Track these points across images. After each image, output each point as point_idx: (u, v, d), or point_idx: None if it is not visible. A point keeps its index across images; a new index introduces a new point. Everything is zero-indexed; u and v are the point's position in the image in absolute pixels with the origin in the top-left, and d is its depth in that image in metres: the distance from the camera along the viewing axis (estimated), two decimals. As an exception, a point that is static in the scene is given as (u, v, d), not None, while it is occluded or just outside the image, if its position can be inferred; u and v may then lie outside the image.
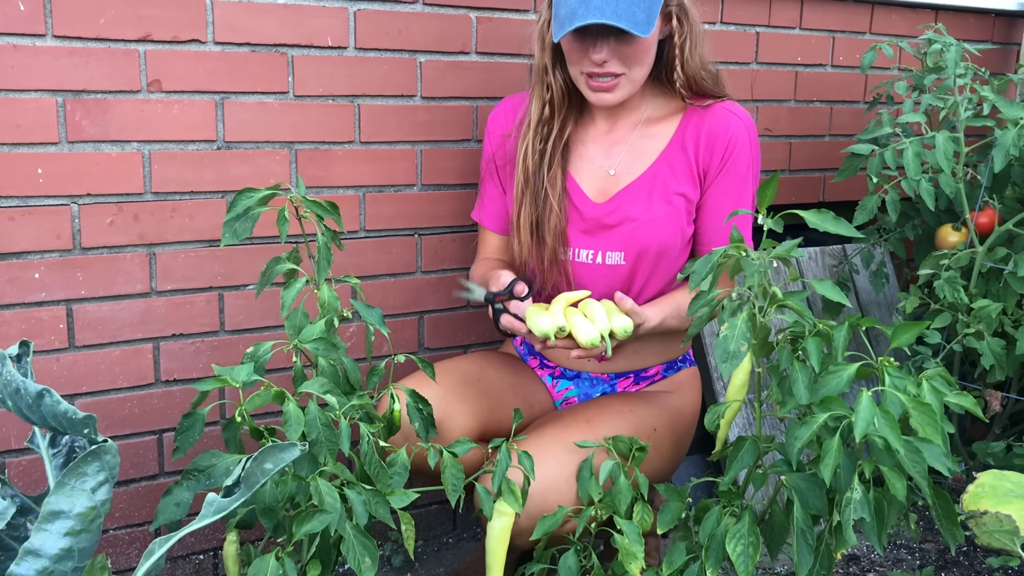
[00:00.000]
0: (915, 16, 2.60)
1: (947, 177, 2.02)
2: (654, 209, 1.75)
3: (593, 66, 1.66)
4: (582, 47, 1.65)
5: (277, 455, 1.11)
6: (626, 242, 1.75)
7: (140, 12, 1.68)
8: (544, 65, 1.73)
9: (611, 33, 1.62)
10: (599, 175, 1.79)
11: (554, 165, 1.76)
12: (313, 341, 1.45)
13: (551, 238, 1.76)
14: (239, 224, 1.47)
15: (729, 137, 1.73)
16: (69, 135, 1.67)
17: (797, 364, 1.39)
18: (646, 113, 1.80)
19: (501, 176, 1.87)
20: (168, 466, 1.87)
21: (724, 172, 1.75)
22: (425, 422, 1.53)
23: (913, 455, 1.31)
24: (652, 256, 1.76)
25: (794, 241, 1.40)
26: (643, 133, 1.79)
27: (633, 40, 1.64)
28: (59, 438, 1.32)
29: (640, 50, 1.66)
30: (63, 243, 1.70)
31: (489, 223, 1.90)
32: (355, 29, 1.88)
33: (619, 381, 1.89)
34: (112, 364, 1.78)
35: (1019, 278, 1.98)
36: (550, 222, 1.76)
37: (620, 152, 1.79)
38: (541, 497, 1.57)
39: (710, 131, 1.74)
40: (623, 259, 1.77)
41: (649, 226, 1.74)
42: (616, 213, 1.76)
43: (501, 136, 1.86)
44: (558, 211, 1.76)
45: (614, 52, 1.64)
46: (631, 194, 1.76)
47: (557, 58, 1.73)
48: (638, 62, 1.68)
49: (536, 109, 1.76)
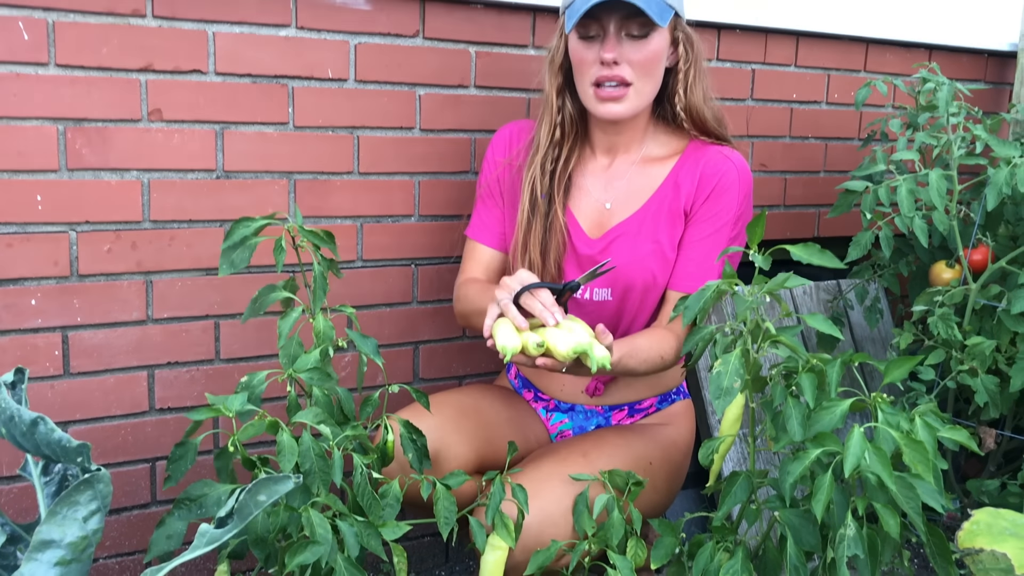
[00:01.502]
0: (909, 55, 2.63)
1: (940, 214, 2.03)
2: (642, 248, 1.75)
3: (603, 69, 1.67)
4: (592, 47, 1.68)
5: (271, 487, 1.11)
6: (612, 280, 1.77)
7: (142, 43, 1.70)
8: (556, 88, 1.76)
9: (624, 29, 1.65)
10: (595, 208, 1.81)
11: (560, 191, 1.78)
12: (307, 371, 1.45)
13: (553, 261, 1.78)
14: (236, 253, 1.47)
15: (719, 178, 1.73)
16: (69, 163, 1.68)
17: (791, 400, 1.39)
18: (646, 150, 1.81)
19: (504, 199, 1.87)
20: (160, 495, 1.86)
21: (705, 210, 1.74)
22: (419, 453, 1.53)
23: (906, 491, 1.31)
24: (638, 294, 1.77)
25: (785, 275, 1.41)
26: (641, 171, 1.80)
27: (645, 41, 1.67)
28: (52, 466, 1.32)
29: (650, 55, 1.68)
30: (60, 270, 1.71)
31: (485, 238, 1.87)
32: (355, 62, 1.90)
33: (613, 413, 1.89)
34: (107, 391, 1.78)
35: (1013, 316, 1.99)
36: (554, 246, 1.77)
37: (617, 188, 1.80)
38: (537, 530, 1.57)
39: (703, 172, 1.75)
40: (610, 295, 1.78)
41: (635, 265, 1.75)
42: (606, 253, 1.77)
43: (503, 160, 1.87)
44: (563, 234, 1.77)
45: (625, 53, 1.67)
46: (622, 231, 1.77)
47: (566, 84, 1.76)
48: (647, 72, 1.69)
49: (546, 132, 1.78)
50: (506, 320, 1.52)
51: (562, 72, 1.76)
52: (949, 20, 2.71)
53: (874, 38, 2.56)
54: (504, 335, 1.49)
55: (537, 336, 1.48)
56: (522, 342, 1.48)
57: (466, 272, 1.89)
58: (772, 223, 2.52)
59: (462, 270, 1.90)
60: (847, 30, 2.50)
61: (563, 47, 1.75)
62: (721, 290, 1.46)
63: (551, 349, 1.47)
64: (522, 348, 1.48)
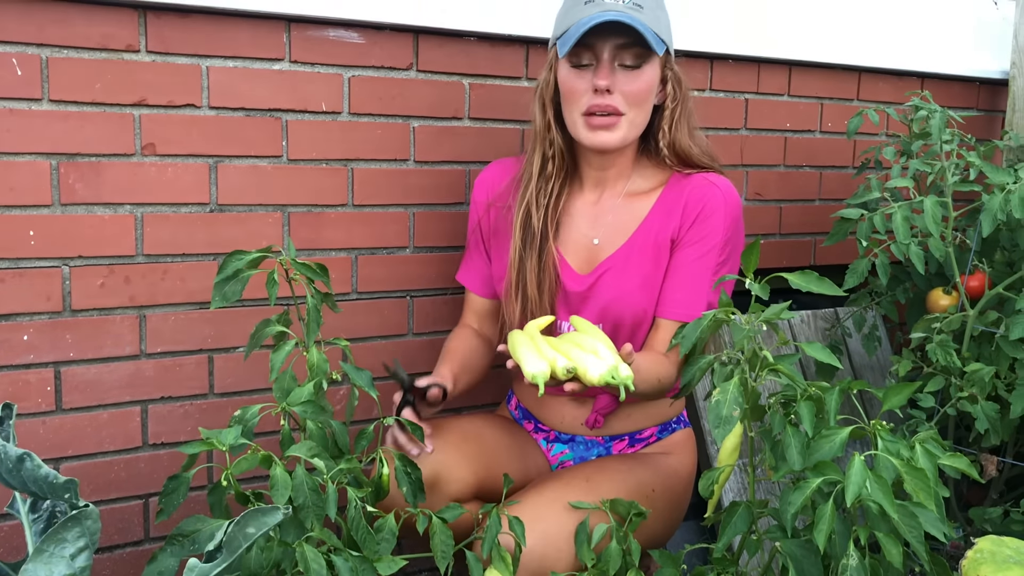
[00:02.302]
0: (902, 83, 2.64)
1: (936, 241, 2.03)
2: (629, 282, 1.75)
3: (594, 98, 1.67)
4: (584, 76, 1.68)
5: (260, 519, 1.09)
6: (601, 315, 1.76)
7: (136, 77, 1.70)
8: (547, 122, 1.75)
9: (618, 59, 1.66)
10: (583, 244, 1.80)
11: (553, 223, 1.77)
12: (301, 404, 1.44)
13: (548, 297, 1.77)
14: (229, 287, 1.47)
15: (704, 203, 1.72)
16: (62, 198, 1.68)
17: (790, 428, 1.38)
18: (632, 185, 1.80)
19: (486, 245, 1.88)
20: (154, 532, 1.84)
21: (692, 235, 1.73)
22: (413, 486, 1.51)
23: (908, 520, 1.29)
24: (628, 328, 1.76)
25: (783, 304, 1.41)
26: (626, 205, 1.79)
27: (638, 72, 1.67)
28: (40, 503, 1.30)
29: (643, 86, 1.68)
30: (53, 305, 1.70)
31: (473, 287, 1.92)
32: (349, 95, 1.90)
33: (614, 444, 1.88)
34: (99, 427, 1.76)
35: (1011, 342, 1.98)
36: (548, 281, 1.77)
37: (604, 223, 1.79)
38: (540, 554, 1.55)
39: (688, 199, 1.73)
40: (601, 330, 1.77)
41: (622, 300, 1.74)
42: (593, 289, 1.76)
43: (485, 205, 1.87)
44: (556, 269, 1.77)
45: (618, 83, 1.67)
46: (610, 266, 1.76)
47: (557, 117, 1.76)
48: (638, 102, 1.69)
49: (538, 165, 1.77)
50: (527, 342, 1.50)
51: (552, 105, 1.75)
52: (941, 48, 2.73)
53: (866, 67, 2.58)
54: (532, 363, 1.43)
55: (565, 360, 1.43)
56: (550, 367, 1.42)
57: (463, 315, 1.95)
58: (768, 252, 2.52)
59: (463, 310, 1.95)
60: (839, 59, 2.52)
61: (552, 79, 1.75)
62: (718, 319, 1.45)
63: (581, 374, 1.41)
64: (551, 372, 1.42)
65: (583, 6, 1.66)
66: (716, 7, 2.33)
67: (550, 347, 1.49)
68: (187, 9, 1.72)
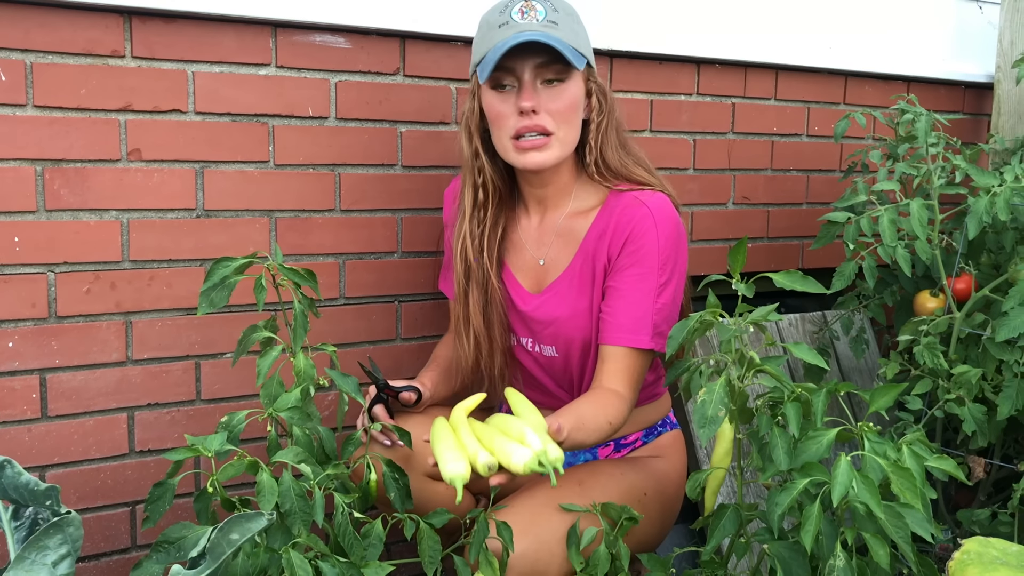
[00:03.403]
0: (888, 87, 2.66)
1: (923, 244, 2.03)
2: (574, 304, 1.73)
3: (521, 120, 1.64)
4: (508, 99, 1.65)
5: (243, 525, 1.09)
6: (553, 338, 1.76)
7: (121, 83, 1.70)
8: (474, 150, 1.73)
9: (540, 76, 1.64)
10: (531, 265, 1.80)
11: (493, 254, 1.75)
12: (288, 410, 1.44)
13: (498, 328, 1.77)
14: (215, 293, 1.46)
15: (633, 226, 1.67)
16: (47, 203, 1.67)
17: (776, 430, 1.38)
18: (575, 204, 1.77)
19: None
20: (140, 539, 1.83)
21: (624, 259, 1.68)
22: (401, 492, 1.51)
23: (895, 520, 1.29)
24: (579, 349, 1.75)
25: (771, 306, 1.41)
26: (568, 225, 1.76)
27: (561, 88, 1.65)
28: (22, 510, 1.29)
29: (568, 102, 1.66)
30: (38, 312, 1.69)
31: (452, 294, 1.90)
32: (336, 99, 1.90)
33: (599, 450, 1.87)
34: (85, 434, 1.75)
35: (997, 344, 1.99)
36: (495, 312, 1.76)
37: (548, 243, 1.78)
38: (534, 558, 1.55)
39: (618, 221, 1.69)
40: (556, 352, 1.78)
41: (570, 322, 1.73)
42: (541, 310, 1.76)
43: (448, 226, 1.88)
44: (501, 300, 1.76)
45: (543, 102, 1.64)
46: (556, 288, 1.76)
47: (484, 145, 1.73)
48: (566, 118, 1.66)
49: (470, 197, 1.75)
50: (448, 436, 1.46)
51: (479, 133, 1.73)
52: (927, 52, 2.74)
53: (853, 71, 2.59)
54: (450, 463, 1.38)
55: (487, 455, 1.38)
56: (470, 464, 1.38)
57: (451, 321, 1.93)
58: (756, 255, 2.52)
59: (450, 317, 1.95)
60: (826, 63, 2.53)
61: (477, 107, 1.71)
62: (705, 321, 1.45)
63: (506, 466, 1.37)
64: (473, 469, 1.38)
65: (497, 29, 1.64)
66: (701, 12, 2.34)
67: (473, 438, 1.45)
68: (172, 14, 1.72)
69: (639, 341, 1.65)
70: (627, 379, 1.67)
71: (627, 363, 1.67)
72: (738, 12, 2.39)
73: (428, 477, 1.65)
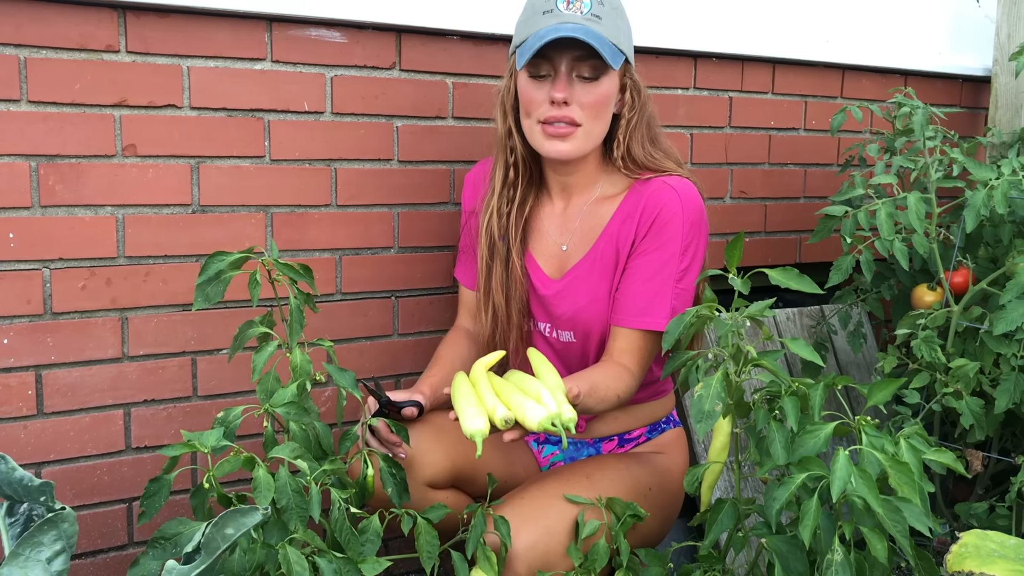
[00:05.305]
0: (885, 81, 2.65)
1: (920, 237, 2.03)
2: (598, 289, 1.74)
3: (551, 109, 1.65)
4: (542, 87, 1.66)
5: (238, 520, 1.08)
6: (572, 324, 1.77)
7: (116, 78, 1.69)
8: (507, 129, 1.74)
9: (576, 70, 1.64)
10: (554, 251, 1.80)
11: (518, 233, 1.76)
12: (284, 405, 1.43)
13: (516, 305, 1.77)
14: (211, 288, 1.46)
15: (660, 208, 1.68)
16: (42, 199, 1.67)
17: (774, 424, 1.38)
18: (601, 191, 1.78)
19: (474, 244, 1.88)
20: (137, 535, 1.83)
21: (648, 243, 1.69)
22: (399, 487, 1.51)
23: (893, 515, 1.29)
24: (598, 335, 1.76)
25: (767, 301, 1.40)
26: (593, 210, 1.77)
27: (595, 84, 1.65)
28: (17, 507, 1.28)
29: (600, 98, 1.67)
30: (34, 308, 1.68)
31: (469, 283, 1.92)
32: (332, 94, 1.89)
33: (603, 444, 1.87)
34: (81, 431, 1.75)
35: (995, 337, 1.98)
36: (516, 290, 1.77)
37: (572, 229, 1.78)
38: (544, 550, 1.55)
39: (645, 204, 1.70)
40: (574, 338, 1.78)
41: (590, 308, 1.74)
42: (562, 295, 1.76)
43: (470, 208, 1.88)
44: (521, 279, 1.77)
45: (575, 95, 1.65)
46: (578, 271, 1.76)
47: (517, 125, 1.74)
48: (596, 114, 1.67)
49: (500, 174, 1.76)
50: (468, 392, 1.49)
51: (513, 112, 1.74)
52: (924, 46, 2.74)
53: (850, 64, 2.58)
54: (470, 419, 1.42)
55: (504, 410, 1.43)
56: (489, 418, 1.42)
57: (459, 315, 1.94)
58: (754, 250, 2.52)
59: (458, 311, 1.95)
60: (823, 57, 2.52)
61: (513, 87, 1.72)
62: (702, 315, 1.44)
63: (521, 422, 1.42)
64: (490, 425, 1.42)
65: (542, 16, 1.64)
66: (698, 5, 2.34)
67: (492, 393, 1.48)
68: (167, 9, 1.71)
69: (656, 324, 1.66)
70: (639, 359, 1.69)
71: (641, 344, 1.69)
72: (735, 5, 2.39)
73: (427, 487, 1.65)
